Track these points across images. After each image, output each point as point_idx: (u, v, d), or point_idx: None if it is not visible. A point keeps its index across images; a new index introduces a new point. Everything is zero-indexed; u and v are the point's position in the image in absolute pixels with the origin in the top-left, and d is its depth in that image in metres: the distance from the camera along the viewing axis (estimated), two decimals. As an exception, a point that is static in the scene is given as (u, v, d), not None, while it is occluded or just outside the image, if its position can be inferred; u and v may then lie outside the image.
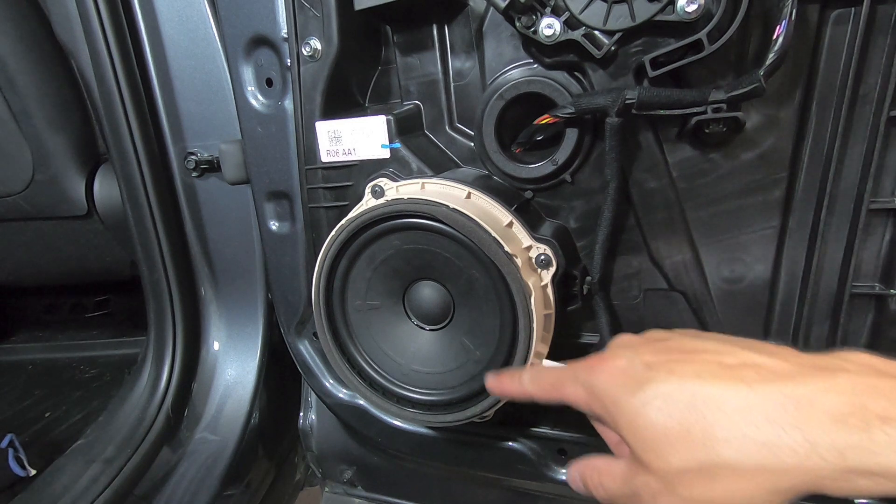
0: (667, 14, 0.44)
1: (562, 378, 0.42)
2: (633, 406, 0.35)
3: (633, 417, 0.35)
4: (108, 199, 1.01)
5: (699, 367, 0.34)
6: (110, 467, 0.73)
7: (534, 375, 0.45)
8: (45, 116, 0.94)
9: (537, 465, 0.67)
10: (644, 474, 0.35)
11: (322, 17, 0.57)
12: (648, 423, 0.34)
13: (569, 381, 0.41)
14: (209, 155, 0.78)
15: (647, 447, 0.34)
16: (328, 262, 0.56)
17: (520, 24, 0.48)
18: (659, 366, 0.35)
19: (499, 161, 0.57)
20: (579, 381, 0.39)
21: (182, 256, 0.84)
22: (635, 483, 0.36)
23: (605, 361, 0.38)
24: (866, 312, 0.53)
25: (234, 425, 0.87)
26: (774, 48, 0.43)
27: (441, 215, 0.49)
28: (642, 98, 0.46)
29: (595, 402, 0.38)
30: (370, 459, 0.86)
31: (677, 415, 0.33)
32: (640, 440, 0.34)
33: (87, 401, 1.04)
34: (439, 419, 0.56)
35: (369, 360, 0.59)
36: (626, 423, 0.35)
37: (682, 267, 0.57)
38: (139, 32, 0.75)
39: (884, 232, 0.50)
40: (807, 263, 0.53)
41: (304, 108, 0.61)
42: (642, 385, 0.35)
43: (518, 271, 0.48)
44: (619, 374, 0.37)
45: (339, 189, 0.63)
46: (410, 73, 0.60)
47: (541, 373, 0.45)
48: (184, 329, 0.85)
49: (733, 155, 0.52)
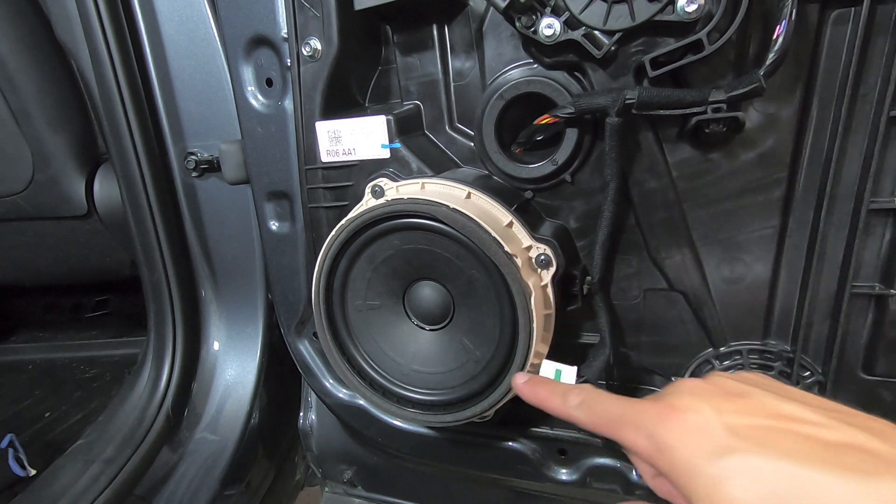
0: (667, 14, 0.44)
1: (622, 418, 0.38)
2: (711, 476, 0.31)
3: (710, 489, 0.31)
4: (108, 199, 1.01)
5: (794, 443, 0.30)
6: (110, 467, 0.73)
7: (587, 402, 0.41)
8: (45, 116, 0.94)
9: (537, 465, 0.67)
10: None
11: (322, 17, 0.57)
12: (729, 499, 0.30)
13: (630, 426, 0.37)
14: (209, 155, 0.78)
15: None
16: (328, 262, 0.56)
17: (520, 24, 0.48)
18: (746, 433, 0.32)
19: (499, 161, 0.57)
20: (643, 430, 0.36)
21: (182, 256, 0.84)
22: None
23: (678, 413, 0.34)
24: (866, 312, 0.53)
25: (234, 425, 0.87)
26: (774, 48, 0.43)
27: (441, 215, 0.49)
28: (642, 98, 0.46)
29: (661, 458, 0.34)
30: (370, 459, 0.86)
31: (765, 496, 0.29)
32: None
33: (87, 401, 1.04)
34: (439, 419, 0.56)
35: (369, 360, 0.59)
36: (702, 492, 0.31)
37: (682, 267, 0.57)
38: (139, 32, 0.75)
39: (884, 232, 0.50)
40: (807, 263, 0.53)
41: (304, 108, 0.61)
42: (725, 453, 0.31)
43: (518, 271, 0.48)
44: (695, 433, 0.33)
45: (339, 189, 0.63)
46: (410, 73, 0.60)
47: (597, 402, 0.41)
48: (184, 329, 0.85)
49: (733, 155, 0.52)
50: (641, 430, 0.36)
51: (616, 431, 0.38)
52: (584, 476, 0.66)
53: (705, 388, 0.36)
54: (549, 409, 0.44)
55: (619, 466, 0.64)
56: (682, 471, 0.33)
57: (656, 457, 0.34)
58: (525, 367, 0.50)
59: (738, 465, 0.30)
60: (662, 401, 0.36)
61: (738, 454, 0.31)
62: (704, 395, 0.35)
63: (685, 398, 0.35)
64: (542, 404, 0.45)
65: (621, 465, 0.64)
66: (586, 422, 0.41)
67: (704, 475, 0.31)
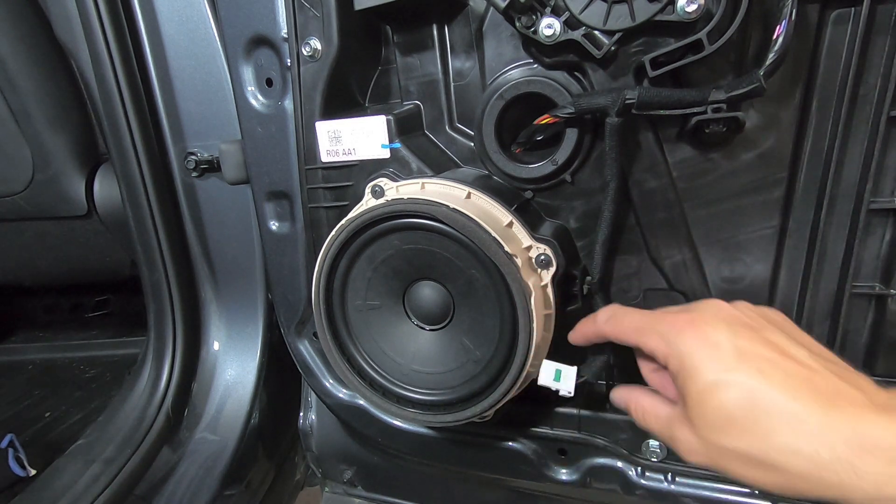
0: (667, 14, 0.44)
1: (645, 327, 0.43)
2: (709, 382, 0.38)
3: (705, 390, 0.38)
4: (108, 199, 1.01)
5: (787, 377, 0.36)
6: (110, 467, 0.73)
7: (612, 316, 0.47)
8: (45, 116, 0.94)
9: (537, 465, 0.67)
10: (689, 433, 0.40)
11: (322, 17, 0.57)
12: (717, 403, 0.37)
13: (652, 333, 0.42)
14: (209, 155, 0.78)
15: (706, 418, 0.38)
16: (328, 262, 0.56)
17: (520, 24, 0.48)
18: (750, 359, 0.37)
19: (499, 161, 0.57)
20: (663, 337, 0.41)
21: (182, 256, 0.84)
22: (676, 433, 0.41)
23: (698, 327, 0.40)
24: (866, 312, 0.53)
25: (234, 425, 0.87)
26: (774, 48, 0.43)
27: (441, 215, 0.49)
28: (642, 98, 0.46)
29: (673, 359, 0.40)
30: (370, 459, 0.86)
31: (748, 409, 0.36)
32: (701, 409, 0.38)
33: (87, 401, 1.04)
34: (439, 419, 0.56)
35: (369, 360, 0.59)
36: (696, 391, 0.38)
37: (682, 267, 0.57)
38: (139, 32, 0.75)
39: (884, 232, 0.50)
40: (807, 263, 0.53)
41: (304, 108, 0.61)
42: (727, 370, 0.37)
43: (518, 271, 0.48)
44: (708, 346, 0.39)
45: (339, 189, 0.63)
46: (410, 73, 0.60)
47: (621, 315, 0.47)
48: (184, 329, 0.85)
49: (733, 155, 0.52)
50: (662, 337, 0.41)
51: (639, 337, 0.44)
52: (584, 476, 0.66)
53: (729, 312, 0.42)
54: (584, 333, 0.51)
55: (619, 466, 0.64)
56: (686, 374, 0.39)
57: (670, 359, 0.40)
58: (525, 367, 0.50)
59: (735, 380, 0.37)
60: (686, 314, 0.42)
61: (738, 373, 0.37)
62: (726, 319, 0.40)
63: (708, 316, 0.41)
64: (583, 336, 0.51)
65: (621, 465, 0.64)
66: (613, 333, 0.47)
67: (704, 381, 0.38)
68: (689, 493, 0.61)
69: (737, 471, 0.38)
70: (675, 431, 0.41)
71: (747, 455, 0.36)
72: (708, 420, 0.38)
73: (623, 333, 0.46)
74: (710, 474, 0.60)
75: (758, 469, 0.36)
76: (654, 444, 0.62)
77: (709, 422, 0.38)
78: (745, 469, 0.37)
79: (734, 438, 0.37)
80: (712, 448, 0.38)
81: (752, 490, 0.58)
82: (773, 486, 0.36)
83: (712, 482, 0.60)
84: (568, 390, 0.53)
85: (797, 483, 0.35)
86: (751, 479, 0.37)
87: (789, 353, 0.38)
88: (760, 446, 0.35)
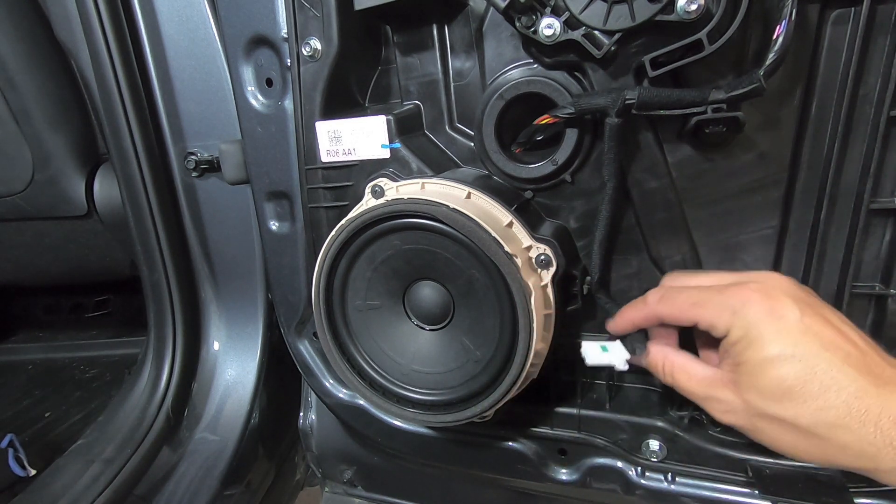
0: (667, 14, 0.44)
1: (703, 299, 0.44)
2: (771, 351, 0.39)
3: (767, 360, 0.39)
4: (108, 199, 1.01)
5: (847, 356, 0.38)
6: (110, 467, 0.73)
7: (667, 296, 0.47)
8: (45, 116, 0.94)
9: (537, 465, 0.67)
10: (731, 394, 0.42)
11: (322, 17, 0.57)
12: (778, 374, 0.39)
13: (713, 304, 0.43)
14: (209, 155, 0.78)
15: (760, 386, 0.40)
16: (328, 262, 0.56)
17: (520, 24, 0.48)
18: (816, 336, 0.39)
19: (499, 161, 0.57)
20: (728, 307, 0.42)
21: (182, 256, 0.84)
22: (714, 392, 0.43)
23: (766, 300, 0.41)
24: (866, 312, 0.53)
25: (234, 425, 0.87)
26: (774, 48, 0.43)
27: (441, 215, 0.49)
28: (642, 98, 0.46)
29: (738, 329, 0.41)
30: (370, 459, 0.86)
31: (808, 383, 0.38)
32: (757, 378, 0.40)
33: (87, 401, 1.04)
34: (439, 419, 0.56)
35: (369, 360, 0.59)
36: (757, 359, 0.40)
37: (682, 267, 0.57)
38: (139, 32, 0.75)
39: (884, 232, 0.50)
40: (807, 263, 0.53)
41: (304, 108, 0.61)
42: (794, 344, 0.39)
43: (518, 271, 0.48)
44: (775, 319, 0.40)
45: (339, 189, 0.63)
46: (410, 73, 0.60)
47: (677, 294, 0.47)
48: (184, 329, 0.85)
49: (733, 155, 0.52)
50: (727, 307, 0.42)
51: (698, 312, 0.44)
52: (584, 476, 0.66)
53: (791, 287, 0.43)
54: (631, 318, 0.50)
55: (619, 466, 0.64)
56: (748, 342, 0.40)
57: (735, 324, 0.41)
58: (525, 366, 0.50)
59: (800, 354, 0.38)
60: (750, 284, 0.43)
61: (803, 348, 0.39)
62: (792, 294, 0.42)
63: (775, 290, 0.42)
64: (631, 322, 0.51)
65: (621, 465, 0.64)
66: (668, 312, 0.47)
67: (768, 350, 0.39)
68: (689, 493, 0.61)
69: (774, 436, 0.40)
70: (713, 391, 0.43)
71: (794, 424, 0.38)
72: (762, 388, 0.39)
73: (680, 311, 0.46)
74: (710, 474, 0.60)
75: (798, 437, 0.39)
76: (653, 444, 0.62)
77: (763, 390, 0.39)
78: (784, 434, 0.39)
79: (784, 408, 0.38)
80: (756, 413, 0.40)
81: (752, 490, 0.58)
82: (807, 454, 0.39)
83: (712, 482, 0.60)
84: (621, 362, 0.52)
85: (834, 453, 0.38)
86: (786, 445, 0.40)
87: (847, 334, 0.40)
88: (811, 418, 0.38)
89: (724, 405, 0.42)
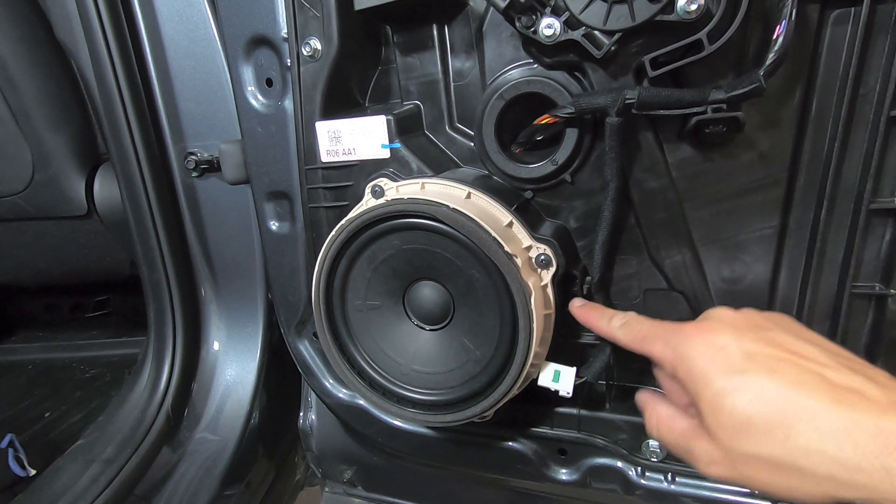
0: (667, 14, 0.44)
1: (654, 335, 0.44)
2: (722, 388, 0.37)
3: (718, 397, 0.37)
4: (108, 199, 1.01)
5: (800, 374, 0.35)
6: (110, 467, 0.73)
7: (626, 324, 0.48)
8: (45, 116, 0.94)
9: (537, 465, 0.67)
10: (707, 443, 0.39)
11: (322, 17, 0.57)
12: (733, 409, 0.36)
13: (660, 342, 0.43)
14: (209, 155, 0.78)
15: (723, 426, 0.37)
16: (328, 262, 0.56)
17: (520, 24, 0.48)
18: (759, 359, 0.37)
19: (499, 161, 0.57)
20: (671, 345, 0.41)
21: (182, 256, 0.84)
22: (693, 445, 0.40)
23: (704, 334, 0.40)
24: (866, 312, 0.53)
25: (234, 425, 0.87)
26: (774, 48, 0.43)
27: (441, 215, 0.49)
28: (642, 98, 0.46)
29: (681, 367, 0.40)
30: (370, 459, 0.86)
31: (765, 412, 0.35)
32: (717, 416, 0.37)
33: (87, 401, 1.04)
34: (439, 419, 0.56)
35: (369, 360, 0.59)
36: (709, 398, 0.37)
37: (682, 267, 0.57)
38: (139, 32, 0.75)
39: (884, 232, 0.50)
40: (807, 263, 0.53)
41: (304, 108, 0.61)
42: (738, 372, 0.37)
43: (518, 271, 0.48)
44: (715, 352, 0.38)
45: (339, 189, 0.63)
46: (410, 73, 0.60)
47: (634, 323, 0.48)
48: (184, 329, 0.85)
49: (733, 155, 0.52)
50: (669, 344, 0.42)
51: (648, 345, 0.44)
52: (584, 476, 0.66)
53: (734, 317, 0.42)
54: (595, 328, 0.52)
55: (619, 466, 0.64)
56: (696, 379, 0.38)
57: (678, 367, 0.40)
58: (525, 367, 0.50)
59: (747, 383, 0.36)
60: (692, 323, 0.42)
61: (749, 375, 0.36)
62: (730, 323, 0.41)
63: (714, 323, 0.41)
64: (590, 323, 0.52)
65: (621, 465, 0.64)
66: (624, 339, 0.47)
67: (716, 385, 0.37)
68: (689, 493, 0.61)
69: (762, 479, 0.36)
70: (692, 444, 0.40)
71: (770, 460, 0.35)
72: (725, 427, 0.36)
73: (632, 341, 0.46)
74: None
75: (783, 475, 0.35)
76: (653, 444, 0.62)
77: (726, 429, 0.36)
78: (770, 476, 0.35)
79: (755, 444, 0.35)
80: (733, 457, 0.37)
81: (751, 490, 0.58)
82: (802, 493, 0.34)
83: (712, 482, 0.60)
84: (567, 391, 0.54)
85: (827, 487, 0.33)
86: (777, 488, 0.36)
87: (798, 350, 0.37)
88: (783, 449, 0.34)
89: (705, 456, 0.39)
